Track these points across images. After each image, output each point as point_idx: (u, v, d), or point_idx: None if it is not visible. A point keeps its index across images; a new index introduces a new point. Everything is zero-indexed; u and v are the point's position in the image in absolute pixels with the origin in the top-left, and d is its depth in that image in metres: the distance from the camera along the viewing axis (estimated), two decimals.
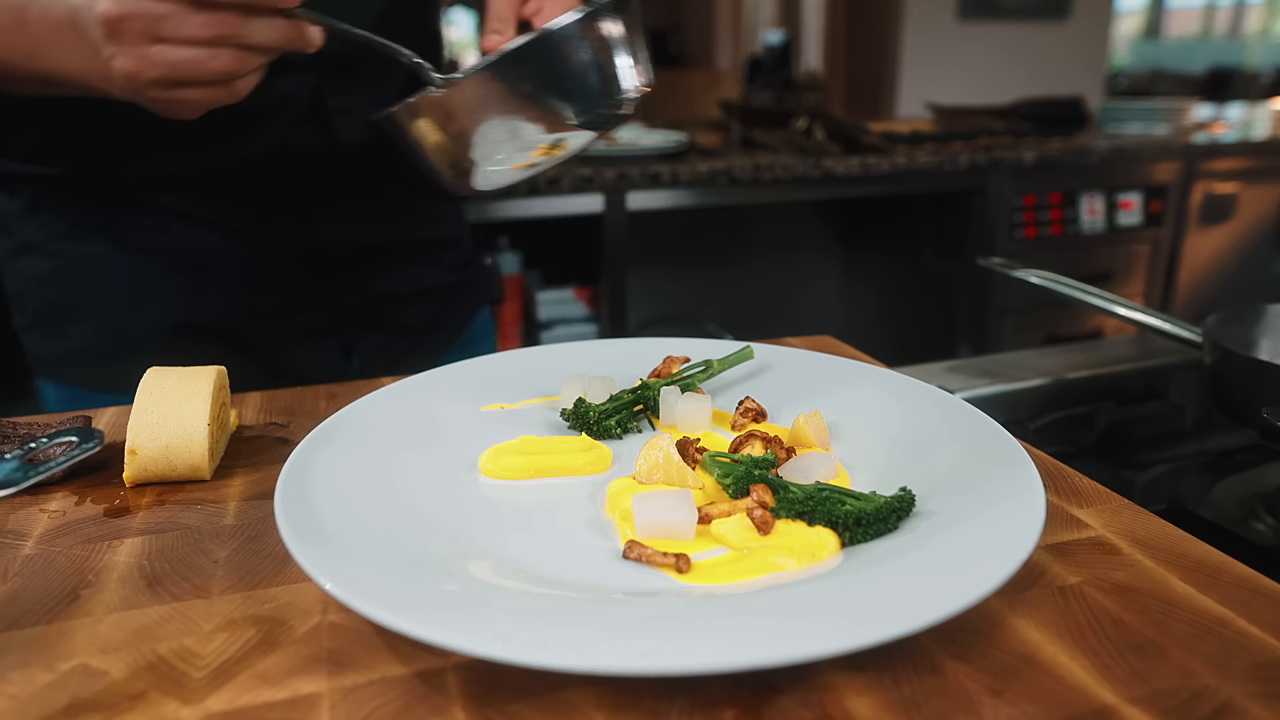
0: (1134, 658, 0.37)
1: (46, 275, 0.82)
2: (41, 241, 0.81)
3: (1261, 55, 7.00)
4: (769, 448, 0.50)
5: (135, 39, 0.53)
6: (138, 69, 0.54)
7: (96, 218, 0.80)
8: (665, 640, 0.34)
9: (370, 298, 0.90)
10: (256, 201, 0.82)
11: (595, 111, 0.59)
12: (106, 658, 0.38)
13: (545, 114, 0.57)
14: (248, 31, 0.53)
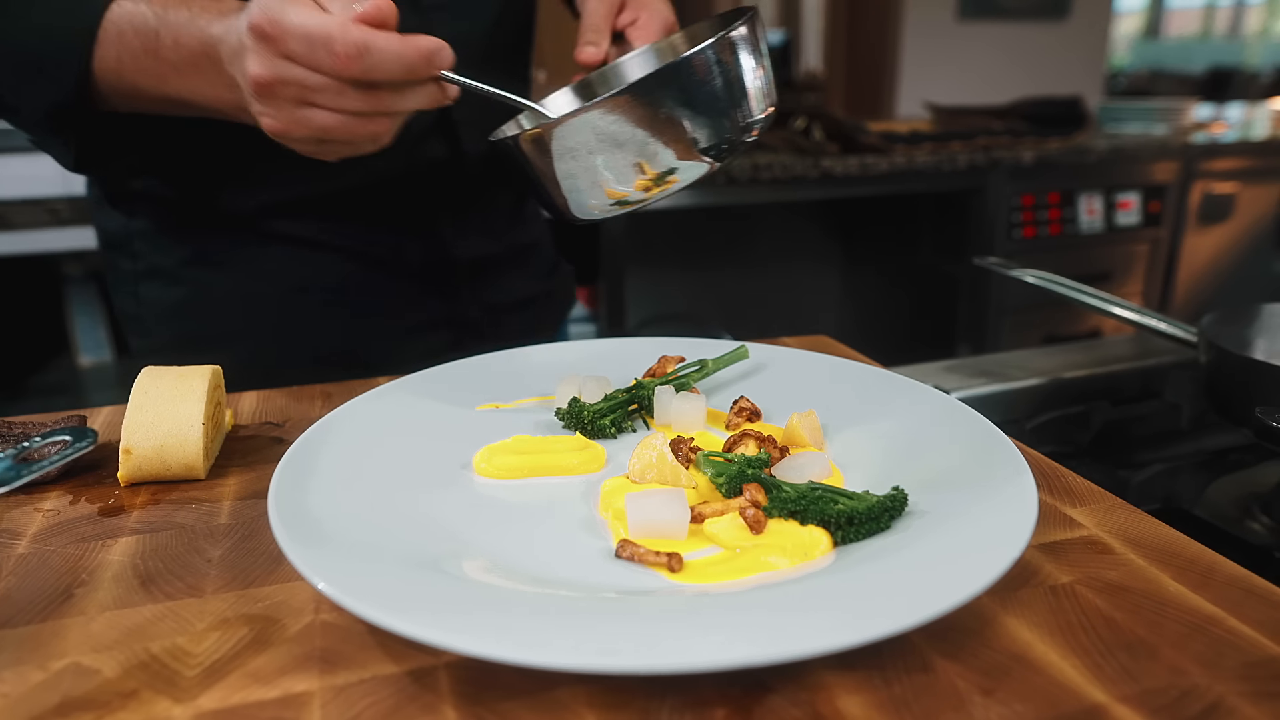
0: (1125, 656, 0.37)
1: (173, 302, 0.81)
2: (169, 268, 0.80)
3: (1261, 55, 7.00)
4: (762, 447, 0.50)
5: (287, 103, 0.53)
6: (286, 129, 0.54)
7: (222, 244, 0.79)
8: (656, 639, 0.34)
9: (486, 309, 0.89)
10: (385, 220, 0.81)
11: (724, 139, 0.56)
12: (99, 656, 0.38)
13: (670, 144, 0.55)
14: (399, 101, 0.53)
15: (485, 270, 0.89)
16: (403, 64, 0.50)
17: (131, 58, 0.61)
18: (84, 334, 1.91)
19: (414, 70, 0.51)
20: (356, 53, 0.48)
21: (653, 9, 0.73)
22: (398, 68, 0.50)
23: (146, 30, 0.60)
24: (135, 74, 0.62)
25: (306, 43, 0.49)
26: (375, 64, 0.49)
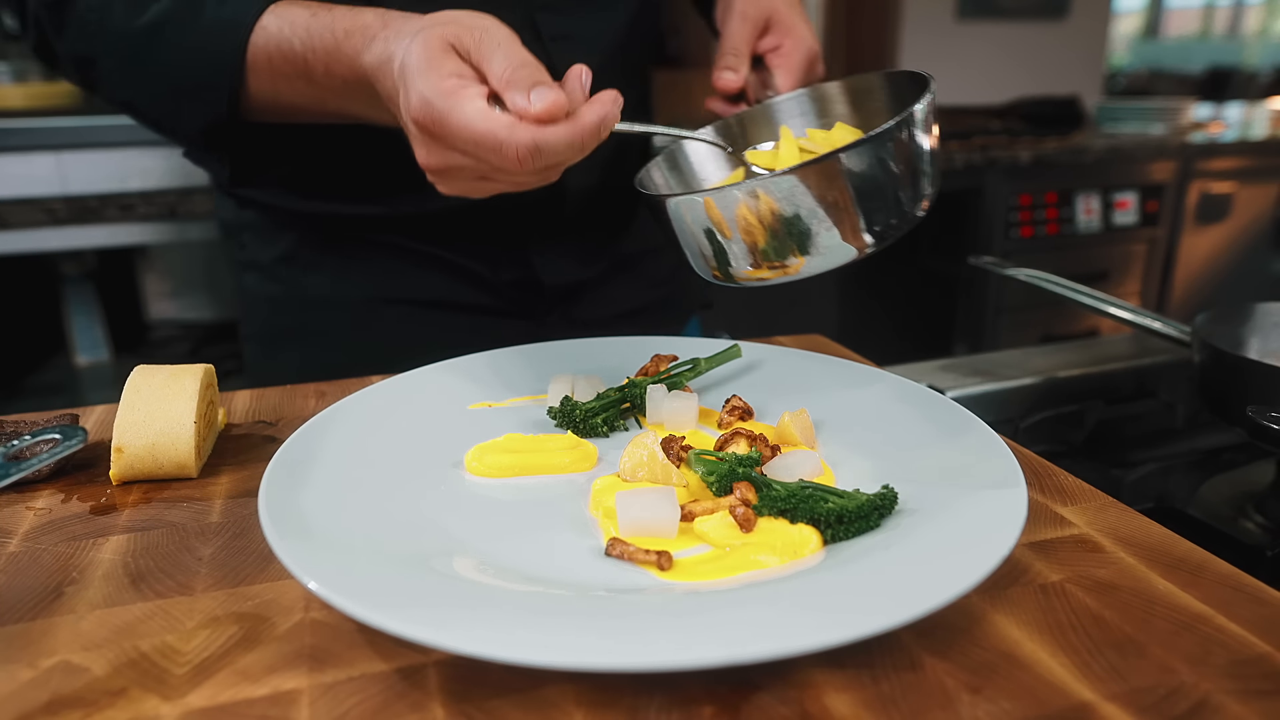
0: (1113, 655, 0.37)
1: (268, 297, 0.83)
2: (267, 263, 0.82)
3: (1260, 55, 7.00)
4: (754, 446, 0.50)
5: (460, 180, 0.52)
6: (457, 191, 0.53)
7: (319, 247, 0.80)
8: (645, 637, 0.34)
9: (577, 326, 0.87)
10: (478, 241, 0.81)
11: (886, 222, 0.53)
12: (88, 654, 0.38)
13: (831, 220, 0.51)
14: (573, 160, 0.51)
15: (575, 293, 0.87)
16: (575, 149, 0.48)
17: (286, 82, 0.62)
18: (81, 334, 1.91)
19: (588, 148, 0.49)
20: (529, 154, 0.47)
21: (797, 36, 0.69)
22: (571, 154, 0.49)
23: (294, 57, 0.60)
24: (293, 96, 0.63)
25: (475, 146, 0.48)
26: (548, 157, 0.48)
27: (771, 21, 0.70)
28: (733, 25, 0.69)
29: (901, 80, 0.61)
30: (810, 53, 0.69)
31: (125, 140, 1.58)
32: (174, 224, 1.66)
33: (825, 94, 0.68)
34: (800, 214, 0.51)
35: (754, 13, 0.69)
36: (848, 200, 0.51)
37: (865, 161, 0.50)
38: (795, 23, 0.69)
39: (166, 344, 2.10)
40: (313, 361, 0.82)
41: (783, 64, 0.68)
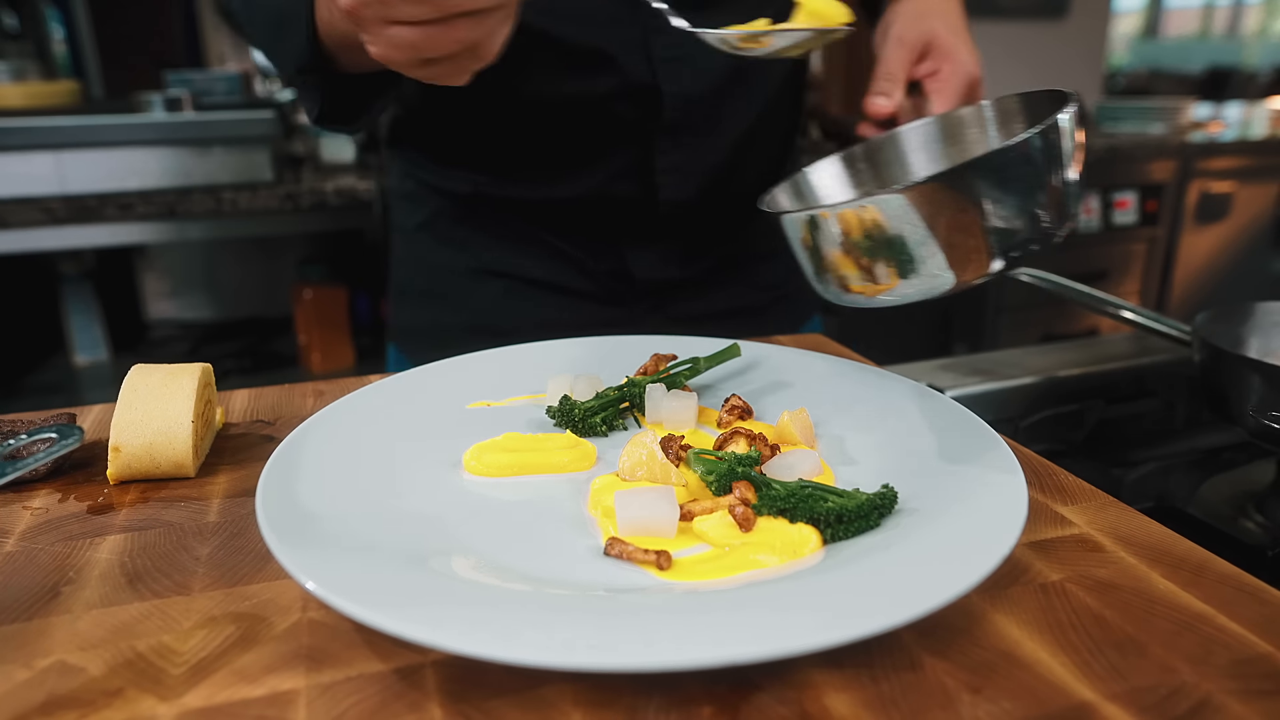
0: (1114, 654, 0.37)
1: (406, 258, 0.91)
2: (410, 229, 0.90)
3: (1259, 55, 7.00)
4: (753, 445, 0.50)
5: (374, 24, 0.51)
6: (386, 54, 0.52)
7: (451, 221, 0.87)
8: (643, 637, 0.34)
9: (672, 322, 0.88)
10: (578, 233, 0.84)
11: (1024, 242, 0.49)
12: (85, 655, 0.38)
13: (964, 240, 0.48)
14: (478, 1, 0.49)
15: (671, 290, 0.88)
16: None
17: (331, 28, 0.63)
18: (80, 333, 1.91)
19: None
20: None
21: (957, 61, 0.66)
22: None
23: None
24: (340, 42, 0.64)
25: None
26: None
27: (931, 46, 0.67)
28: (889, 49, 0.68)
29: (1041, 100, 0.57)
30: (969, 79, 0.67)
31: (124, 140, 1.58)
32: (173, 223, 1.66)
33: (958, 120, 0.64)
34: (915, 235, 0.48)
35: (912, 37, 0.67)
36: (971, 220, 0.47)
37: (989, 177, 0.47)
38: (955, 47, 0.67)
39: (165, 343, 2.10)
40: (435, 322, 0.90)
41: (939, 90, 0.66)
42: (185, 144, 1.62)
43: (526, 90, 0.78)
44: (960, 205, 0.47)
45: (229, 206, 1.66)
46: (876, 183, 0.65)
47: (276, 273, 2.17)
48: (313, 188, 1.71)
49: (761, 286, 0.94)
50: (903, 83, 0.66)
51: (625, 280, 0.87)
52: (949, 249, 0.48)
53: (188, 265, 2.17)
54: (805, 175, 0.64)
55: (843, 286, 0.52)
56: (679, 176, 0.82)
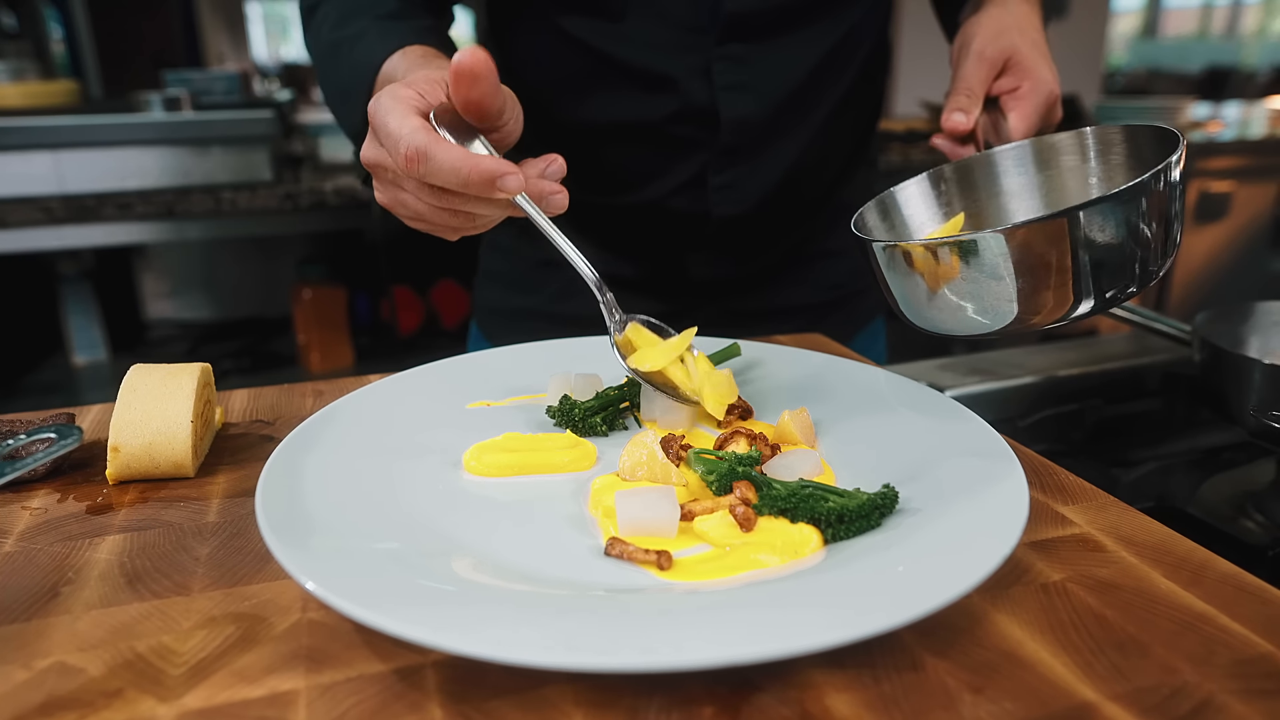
0: (1115, 654, 0.37)
1: (489, 241, 0.96)
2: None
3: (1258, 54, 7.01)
4: (754, 445, 0.50)
5: (387, 184, 0.56)
6: (390, 205, 0.57)
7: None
8: (644, 638, 0.34)
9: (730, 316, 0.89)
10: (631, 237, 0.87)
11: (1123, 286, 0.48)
12: (84, 655, 0.38)
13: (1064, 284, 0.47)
14: (467, 206, 0.54)
15: (729, 288, 0.90)
16: (459, 178, 0.50)
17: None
18: (79, 333, 1.91)
19: (469, 187, 0.51)
20: (416, 157, 0.50)
21: (1037, 77, 0.65)
22: (454, 180, 0.51)
23: None
24: None
25: (386, 138, 0.52)
26: (431, 172, 0.51)
27: (1011, 61, 0.66)
28: (968, 64, 0.67)
29: (1143, 134, 0.56)
30: (1049, 97, 0.66)
31: (123, 139, 1.58)
32: (172, 223, 1.66)
33: (1052, 145, 0.62)
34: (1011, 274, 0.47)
35: (992, 52, 0.66)
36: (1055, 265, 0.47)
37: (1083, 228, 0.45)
38: (1036, 64, 0.65)
39: (164, 343, 2.10)
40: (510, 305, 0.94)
41: (1018, 107, 0.64)
42: (184, 144, 1.62)
43: (587, 109, 0.81)
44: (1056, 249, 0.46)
45: (228, 206, 1.65)
46: (965, 206, 0.64)
47: (276, 272, 2.16)
48: (312, 187, 1.71)
49: (825, 286, 0.95)
50: (980, 99, 0.65)
51: (682, 278, 0.89)
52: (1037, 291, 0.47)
53: (187, 265, 2.16)
54: (893, 195, 0.63)
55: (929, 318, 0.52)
56: (733, 194, 0.83)
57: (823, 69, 0.82)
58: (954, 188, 0.64)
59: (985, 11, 0.71)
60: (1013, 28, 0.67)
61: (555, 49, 0.80)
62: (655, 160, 0.82)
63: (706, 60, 0.77)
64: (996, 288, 0.48)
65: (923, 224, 0.64)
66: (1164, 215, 0.48)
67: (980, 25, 0.68)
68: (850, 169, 0.93)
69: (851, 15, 0.81)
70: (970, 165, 0.64)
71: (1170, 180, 0.47)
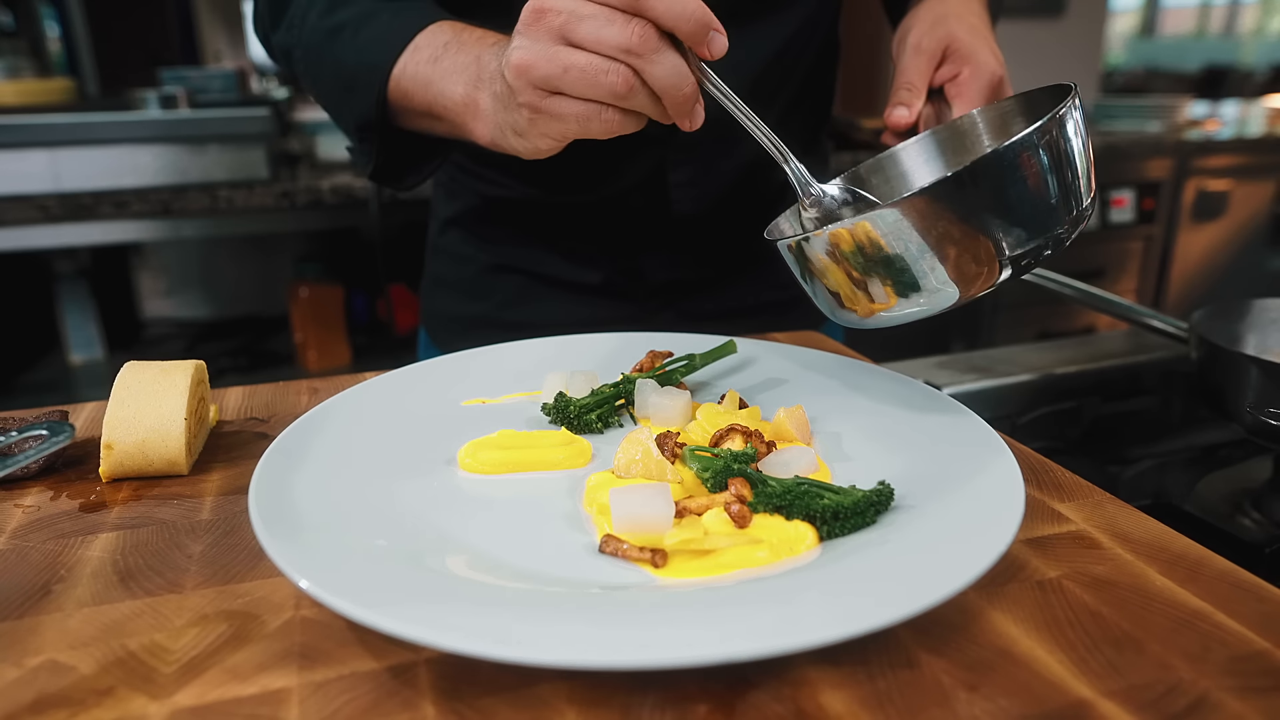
0: (1111, 651, 0.37)
1: (434, 247, 0.96)
2: (442, 219, 0.94)
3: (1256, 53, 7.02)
4: (749, 442, 0.50)
5: (547, 33, 0.51)
6: (532, 61, 0.51)
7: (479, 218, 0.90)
8: (638, 635, 0.34)
9: (686, 317, 0.89)
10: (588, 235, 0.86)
11: (1043, 237, 0.47)
12: (75, 653, 0.38)
13: (976, 246, 0.46)
14: (652, 62, 0.50)
15: (684, 289, 0.89)
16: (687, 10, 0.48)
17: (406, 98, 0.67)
18: (75, 331, 1.90)
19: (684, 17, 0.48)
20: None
21: (977, 63, 0.64)
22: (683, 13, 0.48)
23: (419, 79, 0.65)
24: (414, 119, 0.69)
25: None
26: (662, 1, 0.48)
27: (950, 49, 0.65)
28: (907, 57, 0.66)
29: (1041, 97, 0.55)
30: (992, 80, 0.64)
31: (119, 137, 1.57)
32: (168, 221, 1.65)
33: (958, 128, 0.62)
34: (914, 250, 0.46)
35: (929, 42, 0.65)
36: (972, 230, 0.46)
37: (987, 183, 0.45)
38: (975, 49, 0.64)
39: (161, 341, 2.09)
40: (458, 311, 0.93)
41: (961, 94, 0.63)
42: (180, 141, 1.61)
43: None
44: (960, 215, 0.45)
45: (225, 204, 1.65)
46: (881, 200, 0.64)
47: (273, 271, 2.16)
48: (309, 185, 1.70)
49: (781, 285, 0.94)
50: (923, 91, 0.64)
51: (637, 279, 0.88)
52: (951, 262, 0.46)
53: (184, 263, 2.16)
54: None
55: (847, 307, 0.51)
56: (693, 190, 0.82)
57: (776, 63, 0.81)
58: (873, 184, 0.63)
59: (923, 3, 0.70)
60: (949, 15, 0.66)
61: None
62: (612, 156, 0.80)
63: None
64: (901, 267, 0.47)
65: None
66: (1062, 168, 0.46)
67: (917, 17, 0.68)
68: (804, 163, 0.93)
69: (803, 8, 0.80)
70: (882, 161, 0.63)
71: (1058, 131, 0.46)
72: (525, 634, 0.33)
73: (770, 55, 0.80)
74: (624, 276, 0.88)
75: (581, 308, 0.89)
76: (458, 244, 0.92)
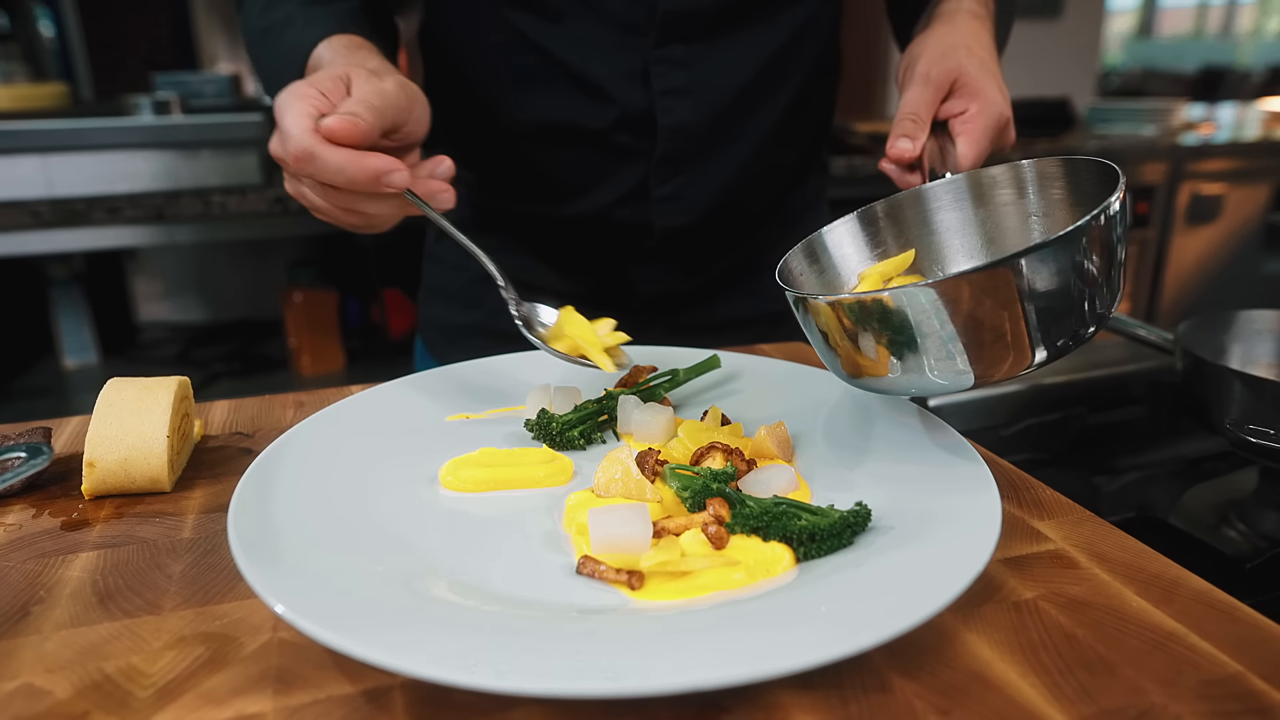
0: (1084, 675, 0.37)
1: (430, 253, 0.97)
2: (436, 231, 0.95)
3: (1253, 54, 7.02)
4: (729, 460, 0.50)
5: (290, 176, 0.59)
6: (294, 195, 0.60)
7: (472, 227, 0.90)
8: (611, 663, 0.34)
9: (675, 330, 0.89)
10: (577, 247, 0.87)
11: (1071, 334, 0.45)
12: (51, 677, 0.38)
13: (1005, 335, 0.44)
14: (361, 204, 0.57)
15: (675, 302, 0.89)
16: (345, 177, 0.53)
17: None
18: (69, 336, 1.90)
19: (356, 185, 0.54)
20: (304, 157, 0.53)
21: (985, 100, 0.62)
22: (341, 179, 0.54)
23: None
24: None
25: (282, 135, 0.55)
26: (319, 171, 0.54)
27: (959, 83, 0.63)
28: (914, 88, 0.64)
29: (1083, 169, 0.53)
30: (998, 120, 0.63)
31: (111, 143, 1.57)
32: (161, 226, 1.65)
33: (990, 180, 0.59)
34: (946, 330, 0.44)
35: (937, 75, 0.63)
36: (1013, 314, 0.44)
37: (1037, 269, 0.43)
38: (984, 85, 0.63)
39: (155, 346, 2.09)
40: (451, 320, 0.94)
41: (966, 131, 0.62)
42: (173, 147, 1.61)
43: (529, 111, 0.80)
44: (1001, 300, 0.43)
45: (217, 210, 1.65)
46: (899, 247, 0.61)
47: (267, 275, 2.16)
48: None
49: (772, 297, 0.93)
50: (927, 124, 0.63)
51: (627, 291, 0.88)
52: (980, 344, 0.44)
53: (179, 268, 2.16)
54: (821, 237, 0.60)
55: (856, 374, 0.49)
56: (677, 204, 0.82)
57: (768, 73, 0.80)
58: (886, 227, 0.61)
59: (933, 29, 0.68)
60: (960, 47, 0.65)
61: (504, 47, 0.78)
62: (595, 168, 0.81)
63: (644, 63, 0.76)
64: (927, 345, 0.45)
65: (854, 268, 0.60)
66: (1110, 256, 0.46)
67: (927, 45, 0.66)
68: (800, 177, 0.92)
69: (797, 16, 0.80)
70: (903, 202, 0.61)
71: (1112, 221, 0.45)
72: (495, 661, 0.33)
73: (761, 62, 0.80)
74: (613, 288, 0.88)
75: None
76: (452, 253, 0.93)
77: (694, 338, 0.87)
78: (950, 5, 0.72)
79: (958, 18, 0.69)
